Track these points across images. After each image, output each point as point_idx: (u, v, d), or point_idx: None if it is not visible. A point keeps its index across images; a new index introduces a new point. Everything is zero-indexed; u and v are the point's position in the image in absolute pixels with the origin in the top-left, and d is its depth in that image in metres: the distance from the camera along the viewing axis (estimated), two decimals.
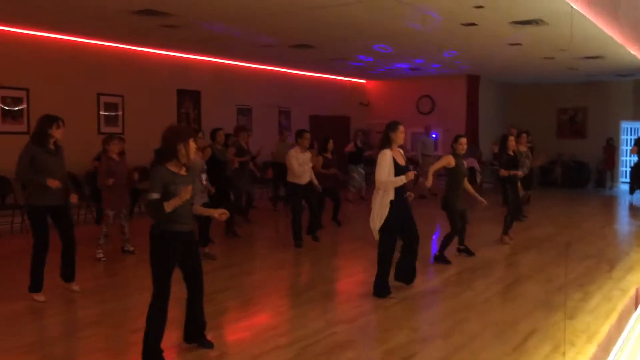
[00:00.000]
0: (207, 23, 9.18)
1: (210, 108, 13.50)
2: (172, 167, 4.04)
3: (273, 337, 4.69)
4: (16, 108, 9.84)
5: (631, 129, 18.40)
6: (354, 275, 7.07)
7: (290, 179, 8.40)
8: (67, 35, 10.46)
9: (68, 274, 5.84)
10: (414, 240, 6.05)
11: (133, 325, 4.78)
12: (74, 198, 5.65)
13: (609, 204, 14.80)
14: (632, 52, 11.51)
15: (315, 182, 8.56)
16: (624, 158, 18.36)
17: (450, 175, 7.36)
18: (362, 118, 18.45)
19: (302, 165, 8.26)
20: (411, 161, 16.48)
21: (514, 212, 8.80)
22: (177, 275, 4.19)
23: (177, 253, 4.09)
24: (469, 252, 7.76)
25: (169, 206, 3.92)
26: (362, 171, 13.61)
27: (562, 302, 5.76)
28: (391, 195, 5.72)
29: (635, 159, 14.50)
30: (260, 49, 11.81)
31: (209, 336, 4.47)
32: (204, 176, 7.15)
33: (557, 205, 13.87)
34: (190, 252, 4.20)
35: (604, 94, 17.95)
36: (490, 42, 10.92)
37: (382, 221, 5.72)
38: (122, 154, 7.83)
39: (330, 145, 10.03)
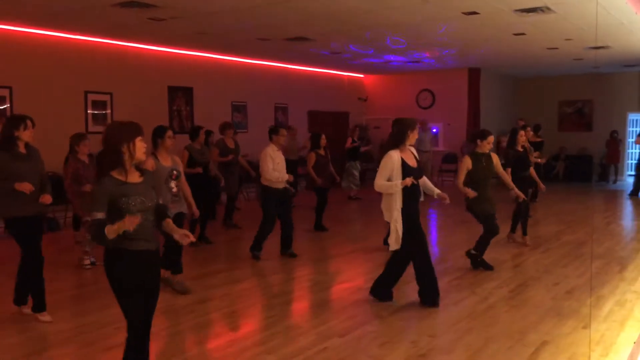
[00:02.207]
0: (196, 15, 8.77)
1: (204, 105, 13.08)
2: (119, 175, 3.22)
3: (259, 355, 4.28)
4: None
5: (638, 120, 18.00)
6: (350, 280, 6.63)
7: (263, 181, 7.35)
8: (52, 31, 10.04)
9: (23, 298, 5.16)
10: (426, 262, 5.37)
11: (107, 342, 4.44)
12: (46, 199, 4.92)
13: (613, 198, 14.34)
14: None
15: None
16: (630, 150, 17.96)
17: (469, 178, 6.62)
18: (362, 113, 18.09)
19: (276, 169, 7.24)
20: None
21: (522, 212, 8.15)
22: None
23: (137, 275, 3.31)
24: (485, 265, 6.89)
25: (110, 232, 3.10)
26: (359, 167, 13.18)
27: (572, 309, 5.37)
28: (398, 204, 5.10)
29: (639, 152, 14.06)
30: (255, 43, 11.39)
31: (189, 353, 4.08)
32: (173, 184, 5.97)
33: (561, 202, 13.44)
34: (149, 275, 3.38)
35: (610, 85, 17.56)
36: (493, 32, 10.50)
37: (400, 239, 5.12)
38: (90, 156, 6.81)
39: (324, 141, 9.24)
